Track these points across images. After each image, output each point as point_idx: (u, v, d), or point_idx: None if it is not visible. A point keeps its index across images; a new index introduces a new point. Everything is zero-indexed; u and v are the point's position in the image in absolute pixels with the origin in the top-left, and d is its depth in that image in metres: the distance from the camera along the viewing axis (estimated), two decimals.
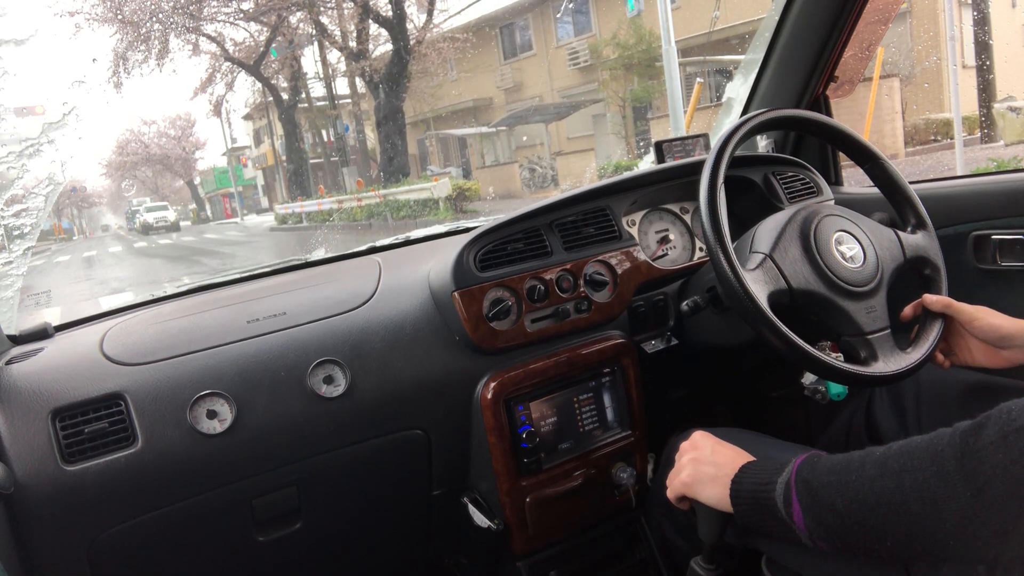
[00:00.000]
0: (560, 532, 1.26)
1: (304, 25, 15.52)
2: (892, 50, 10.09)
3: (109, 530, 0.98)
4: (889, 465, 0.68)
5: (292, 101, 17.67)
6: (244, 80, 17.26)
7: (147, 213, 26.46)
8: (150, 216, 25.98)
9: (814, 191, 1.45)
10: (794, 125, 1.16)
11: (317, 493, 1.12)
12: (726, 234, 0.97)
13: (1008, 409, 0.63)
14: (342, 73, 17.41)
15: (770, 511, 0.77)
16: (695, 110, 8.74)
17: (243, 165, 28.41)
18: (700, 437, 0.91)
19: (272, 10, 14.75)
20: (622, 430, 1.28)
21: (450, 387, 1.17)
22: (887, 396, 1.12)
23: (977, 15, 8.08)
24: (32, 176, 1.26)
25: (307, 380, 1.08)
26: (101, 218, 43.34)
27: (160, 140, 28.11)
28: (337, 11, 15.27)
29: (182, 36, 14.37)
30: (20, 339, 1.17)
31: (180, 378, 1.03)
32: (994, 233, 1.32)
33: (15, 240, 1.28)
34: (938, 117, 9.77)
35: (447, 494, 1.24)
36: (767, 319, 0.94)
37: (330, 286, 1.28)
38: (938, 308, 1.01)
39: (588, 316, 1.23)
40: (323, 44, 16.43)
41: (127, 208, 32.57)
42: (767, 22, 1.57)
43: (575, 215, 1.26)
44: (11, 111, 1.31)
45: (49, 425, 0.96)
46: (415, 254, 1.45)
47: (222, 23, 15.35)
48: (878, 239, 1.06)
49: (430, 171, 17.69)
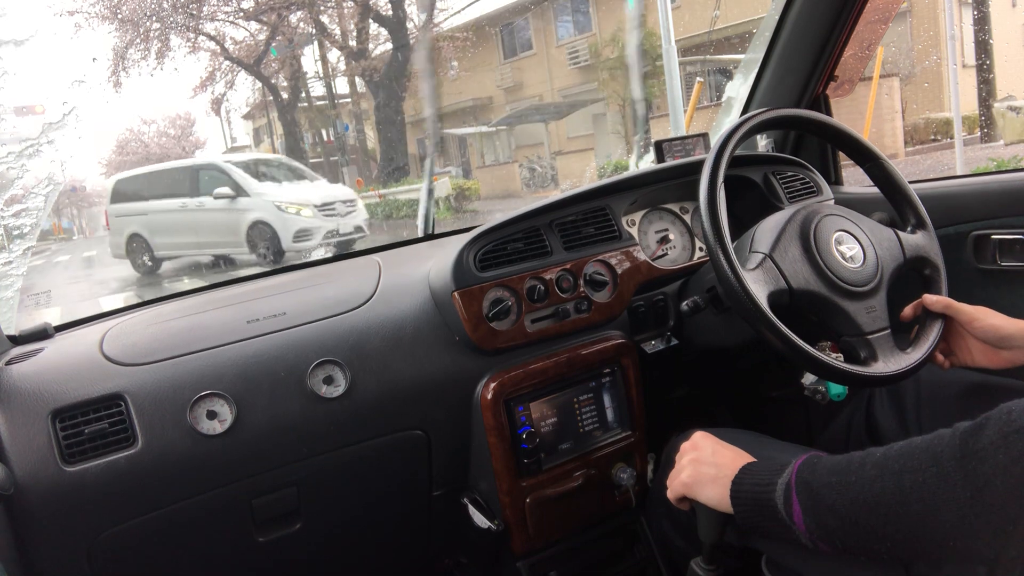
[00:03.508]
0: (560, 532, 1.26)
1: (304, 24, 15.52)
2: (892, 49, 10.09)
3: (109, 530, 0.97)
4: (889, 466, 0.68)
5: (292, 100, 17.67)
6: (244, 79, 17.25)
7: None
8: None
9: (814, 191, 1.45)
10: (794, 124, 1.16)
11: (317, 493, 1.12)
12: (726, 234, 0.97)
13: (1008, 410, 0.63)
14: (342, 72, 17.41)
15: (770, 512, 0.77)
16: (695, 109, 8.74)
17: None
18: (700, 437, 0.91)
19: (272, 9, 14.75)
20: (622, 430, 1.28)
21: (450, 387, 1.17)
22: (887, 396, 1.11)
23: (977, 15, 8.07)
24: (32, 176, 1.26)
25: (307, 380, 1.08)
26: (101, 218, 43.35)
27: (160, 139, 28.08)
28: (337, 10, 15.28)
29: (182, 35, 14.37)
30: (20, 339, 1.17)
31: (180, 378, 1.03)
32: (994, 233, 1.32)
33: (15, 240, 1.28)
34: (938, 116, 9.76)
35: (447, 494, 1.24)
36: (767, 319, 0.93)
37: (330, 286, 1.28)
38: (938, 308, 1.01)
39: (588, 316, 1.22)
40: (323, 43, 16.44)
41: None
42: (767, 22, 1.57)
43: (575, 215, 1.26)
44: (11, 111, 1.31)
45: (49, 425, 0.96)
46: (415, 254, 1.45)
47: (222, 22, 15.35)
48: (878, 239, 1.06)
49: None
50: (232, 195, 8.75)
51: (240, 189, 8.84)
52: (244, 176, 9.03)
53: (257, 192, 8.89)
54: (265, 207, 8.71)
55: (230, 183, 8.88)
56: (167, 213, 9.21)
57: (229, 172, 9.05)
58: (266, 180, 9.41)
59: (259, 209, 8.70)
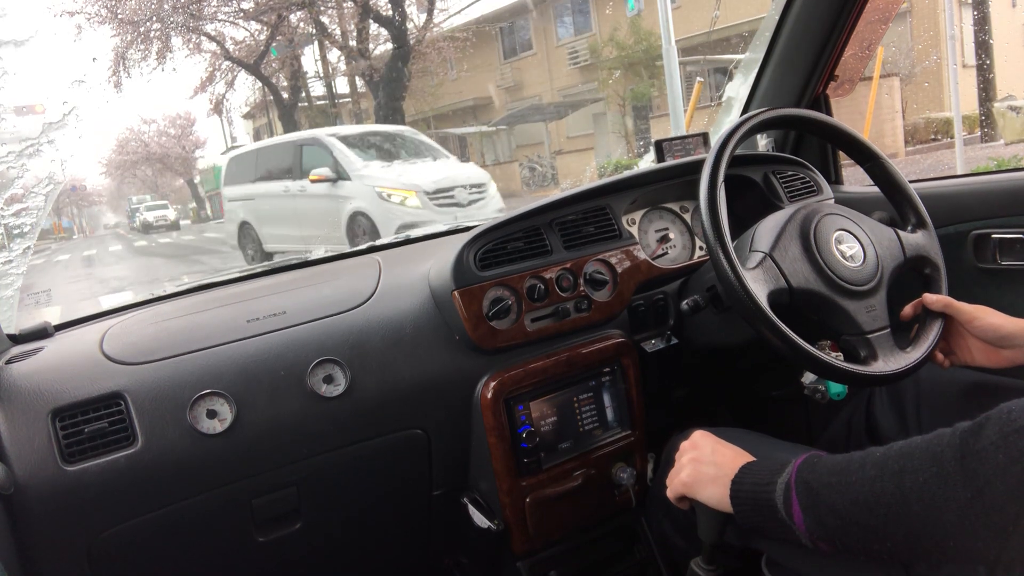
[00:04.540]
0: (560, 532, 1.26)
1: (304, 24, 15.52)
2: (892, 49, 10.09)
3: (109, 530, 0.97)
4: (889, 466, 0.68)
5: (292, 100, 17.66)
6: (244, 79, 17.23)
7: (147, 212, 26.44)
8: (150, 215, 25.97)
9: (814, 190, 1.45)
10: (794, 124, 1.16)
11: (317, 493, 1.12)
12: (726, 233, 0.97)
13: (1008, 409, 0.63)
14: (342, 72, 17.41)
15: (770, 511, 0.77)
16: (695, 109, 8.74)
17: None
18: (700, 437, 0.91)
19: (272, 9, 14.74)
20: (622, 430, 1.28)
21: (450, 387, 1.17)
22: (887, 396, 1.11)
23: (977, 14, 8.07)
24: (32, 175, 1.26)
25: (307, 380, 1.08)
26: (101, 217, 43.36)
27: (160, 139, 28.07)
28: (337, 10, 15.27)
29: (182, 35, 14.37)
30: (20, 338, 1.17)
31: (180, 378, 1.03)
32: (994, 232, 1.32)
33: (15, 239, 1.28)
34: (938, 116, 9.76)
35: (447, 494, 1.24)
36: (767, 318, 0.93)
37: (330, 285, 1.28)
38: (938, 307, 1.01)
39: (588, 315, 1.22)
40: (323, 43, 16.43)
41: (128, 206, 32.59)
42: (767, 21, 1.57)
43: (575, 214, 1.26)
44: (11, 110, 1.31)
45: (49, 425, 0.96)
46: (415, 253, 1.45)
47: (222, 22, 15.35)
48: (878, 238, 1.06)
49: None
50: (333, 178, 7.03)
51: (341, 170, 7.07)
52: (346, 154, 7.19)
53: (359, 174, 7.00)
54: (366, 194, 6.85)
55: (330, 162, 7.16)
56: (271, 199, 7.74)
57: (331, 148, 7.26)
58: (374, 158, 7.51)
59: (359, 196, 6.88)
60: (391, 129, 8.96)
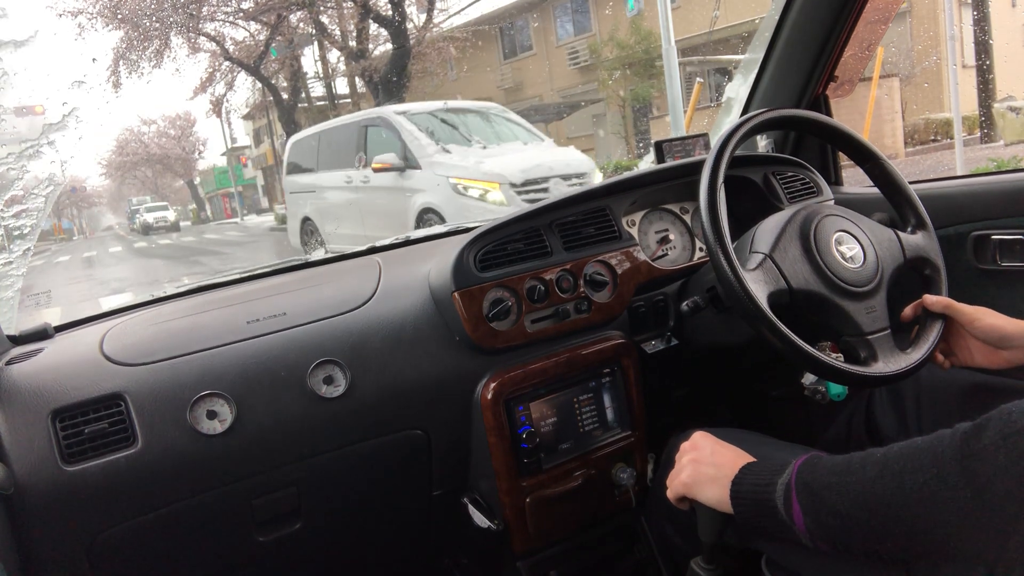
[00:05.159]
0: (560, 532, 1.26)
1: (304, 25, 15.52)
2: (892, 50, 10.09)
3: (109, 530, 0.97)
4: (889, 466, 0.68)
5: (292, 101, 17.66)
6: (244, 80, 17.24)
7: (147, 213, 26.47)
8: (150, 216, 26.00)
9: (814, 191, 1.45)
10: (794, 125, 1.16)
11: (317, 493, 1.12)
12: (726, 234, 0.97)
13: (1009, 411, 0.63)
14: (342, 72, 17.41)
15: (770, 512, 0.77)
16: (695, 110, 8.74)
17: (243, 165, 28.35)
18: (700, 437, 0.91)
19: (272, 9, 14.74)
20: (622, 430, 1.28)
21: (450, 387, 1.17)
22: (887, 396, 1.12)
23: (977, 15, 8.08)
24: (32, 176, 1.26)
25: (307, 380, 1.08)
26: (101, 218, 43.40)
27: (160, 140, 28.10)
28: (337, 11, 15.27)
29: (182, 35, 14.37)
30: (20, 339, 1.17)
31: (180, 378, 1.03)
32: (994, 233, 1.32)
33: (15, 240, 1.28)
34: (938, 117, 9.77)
35: (447, 494, 1.24)
36: (767, 319, 0.94)
37: (330, 286, 1.28)
38: (938, 308, 1.01)
39: (588, 316, 1.22)
40: (323, 44, 16.43)
41: (127, 208, 32.62)
42: (767, 22, 1.57)
43: (575, 215, 1.26)
44: (11, 111, 1.31)
45: (49, 425, 0.96)
46: (415, 254, 1.45)
47: (222, 22, 15.35)
48: (878, 239, 1.06)
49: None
50: (400, 166, 5.90)
51: (409, 156, 5.90)
52: (417, 136, 5.98)
53: (431, 161, 5.80)
54: (438, 186, 5.66)
55: (398, 147, 6.00)
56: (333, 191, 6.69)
57: (399, 129, 6.07)
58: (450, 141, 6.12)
59: (430, 189, 5.71)
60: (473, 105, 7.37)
